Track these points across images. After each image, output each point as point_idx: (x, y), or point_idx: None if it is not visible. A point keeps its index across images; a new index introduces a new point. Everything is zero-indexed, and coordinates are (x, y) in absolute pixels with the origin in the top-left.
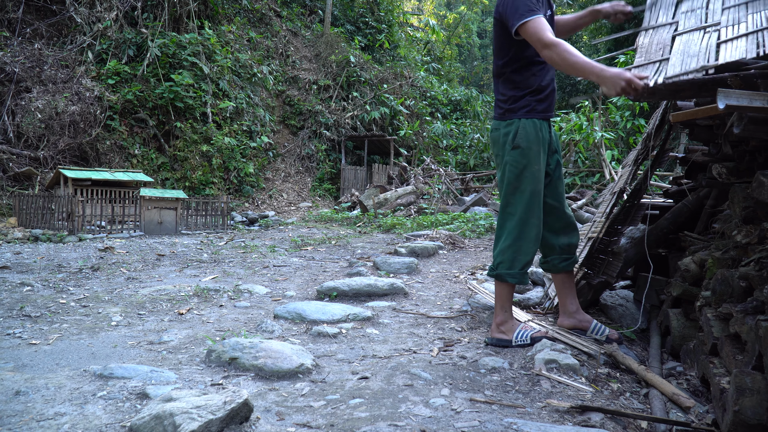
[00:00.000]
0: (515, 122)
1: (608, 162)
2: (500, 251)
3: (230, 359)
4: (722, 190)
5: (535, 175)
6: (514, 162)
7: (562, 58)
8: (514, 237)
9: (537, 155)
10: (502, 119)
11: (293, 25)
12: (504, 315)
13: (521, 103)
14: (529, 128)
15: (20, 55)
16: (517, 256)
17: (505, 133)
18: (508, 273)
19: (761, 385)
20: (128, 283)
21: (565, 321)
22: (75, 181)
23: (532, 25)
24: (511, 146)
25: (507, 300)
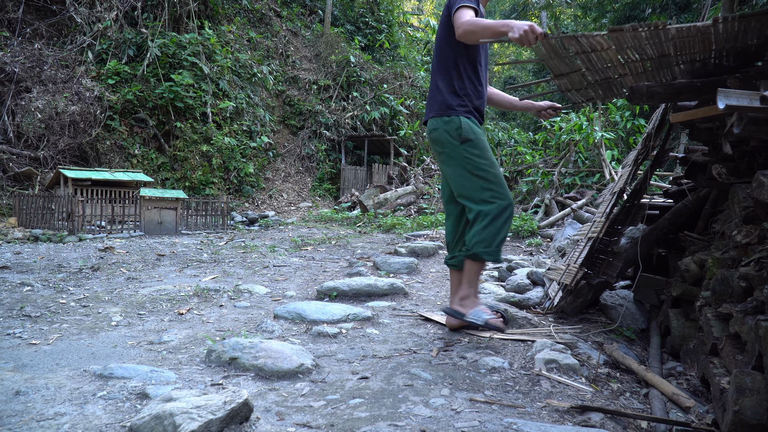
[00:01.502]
0: (455, 119)
1: (608, 162)
2: (476, 232)
3: (230, 359)
4: (722, 190)
5: (492, 160)
6: (468, 154)
7: (474, 23)
8: (489, 219)
9: (485, 142)
10: (440, 116)
11: (293, 25)
12: (469, 290)
13: (457, 102)
14: (470, 122)
15: (20, 55)
16: (495, 234)
17: (447, 129)
18: (484, 251)
19: (761, 385)
20: (128, 283)
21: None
22: (75, 181)
23: (465, 10)
24: (461, 141)
25: (476, 277)
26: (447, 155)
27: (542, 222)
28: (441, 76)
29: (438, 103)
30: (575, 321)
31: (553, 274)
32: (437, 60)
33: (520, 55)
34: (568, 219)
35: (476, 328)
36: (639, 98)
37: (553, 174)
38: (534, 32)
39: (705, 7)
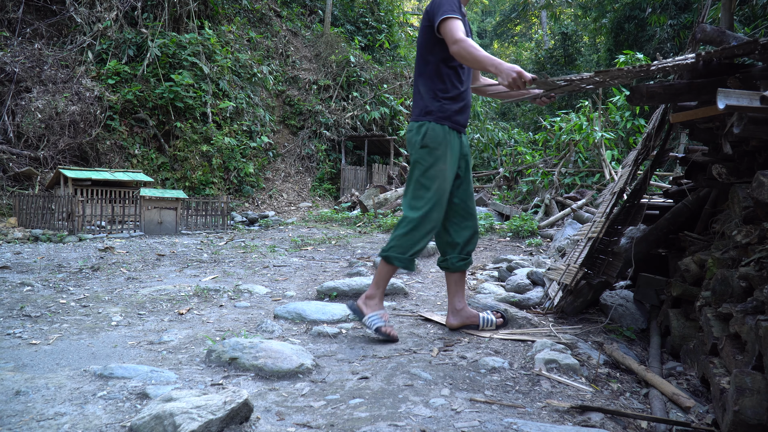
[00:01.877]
0: (425, 124)
1: (608, 162)
2: (396, 237)
3: (230, 359)
4: (722, 190)
5: (441, 174)
6: (421, 160)
7: (468, 51)
8: (412, 227)
9: (444, 156)
10: (416, 120)
11: (293, 25)
12: (375, 291)
13: (435, 107)
14: (438, 131)
15: (20, 55)
16: (412, 245)
17: (416, 133)
18: (398, 257)
19: (761, 385)
20: (128, 283)
21: (453, 321)
22: (75, 181)
23: (451, 22)
24: (420, 145)
25: (384, 280)
26: (412, 157)
27: (542, 222)
28: (422, 81)
29: (418, 108)
30: (575, 321)
31: (553, 274)
32: (418, 65)
33: (521, 55)
34: (568, 219)
35: (476, 328)
36: (639, 99)
37: (553, 174)
38: (522, 78)
39: (705, 6)
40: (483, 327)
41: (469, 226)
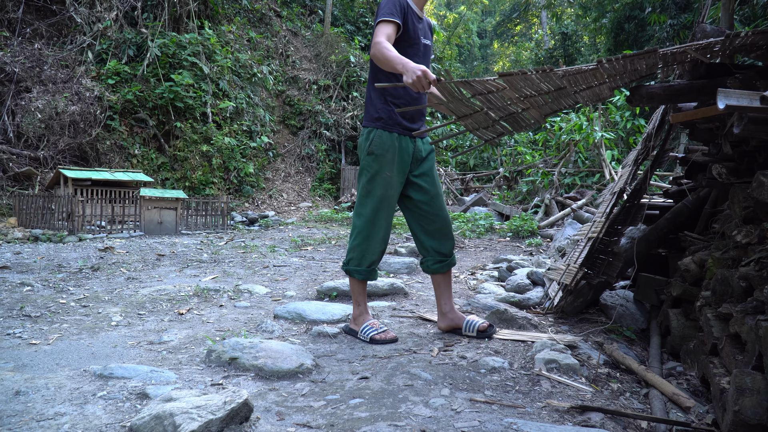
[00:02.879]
0: (373, 131)
1: (608, 162)
2: (351, 249)
3: (230, 359)
4: (722, 190)
5: (386, 181)
6: (367, 167)
7: (380, 52)
8: (363, 237)
9: (390, 163)
10: (365, 126)
11: (293, 25)
12: (358, 309)
13: (385, 113)
14: (385, 138)
15: (20, 55)
16: (364, 254)
17: (364, 139)
18: (356, 270)
19: (761, 385)
20: (128, 283)
21: (441, 323)
22: (75, 181)
23: (379, 26)
24: (366, 152)
25: (359, 294)
26: (360, 162)
27: (542, 222)
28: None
29: (368, 113)
30: (575, 321)
31: (553, 274)
32: (370, 69)
33: (521, 55)
34: (568, 219)
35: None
36: (638, 100)
37: (553, 174)
38: (426, 78)
39: (705, 6)
40: (464, 331)
41: (439, 227)
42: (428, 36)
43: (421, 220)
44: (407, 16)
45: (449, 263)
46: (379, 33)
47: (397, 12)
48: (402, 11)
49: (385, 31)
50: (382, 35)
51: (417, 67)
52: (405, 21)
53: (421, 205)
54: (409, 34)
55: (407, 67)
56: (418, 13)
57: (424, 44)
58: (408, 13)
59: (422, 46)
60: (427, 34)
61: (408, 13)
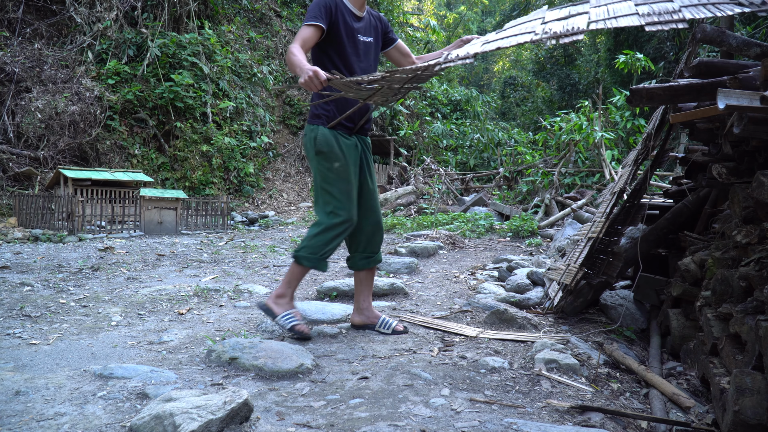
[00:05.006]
0: (315, 128)
1: (608, 162)
2: (308, 237)
3: (230, 359)
4: (722, 190)
5: (341, 175)
6: (320, 166)
7: (287, 57)
8: (324, 228)
9: (340, 156)
10: (308, 123)
11: (293, 25)
12: (286, 290)
13: (322, 111)
14: (328, 135)
15: (20, 55)
16: (323, 245)
17: (309, 138)
18: (307, 257)
19: (761, 385)
20: (128, 283)
21: (356, 318)
22: (75, 181)
23: (302, 29)
24: (315, 152)
25: (296, 279)
26: (309, 161)
27: (542, 222)
28: None
29: (311, 111)
30: (575, 321)
31: (553, 274)
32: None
33: (521, 55)
34: (568, 219)
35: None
36: (638, 100)
37: (553, 174)
38: (318, 77)
39: None
40: (378, 328)
41: (373, 223)
42: (371, 33)
43: (359, 217)
44: (337, 17)
45: (375, 260)
46: (296, 38)
47: (322, 15)
48: (328, 13)
49: (302, 35)
50: (297, 40)
51: (309, 68)
52: (335, 22)
53: (361, 202)
54: (340, 34)
55: (302, 69)
56: (355, 12)
57: (365, 42)
58: (339, 13)
59: (362, 44)
60: (370, 32)
61: (339, 13)
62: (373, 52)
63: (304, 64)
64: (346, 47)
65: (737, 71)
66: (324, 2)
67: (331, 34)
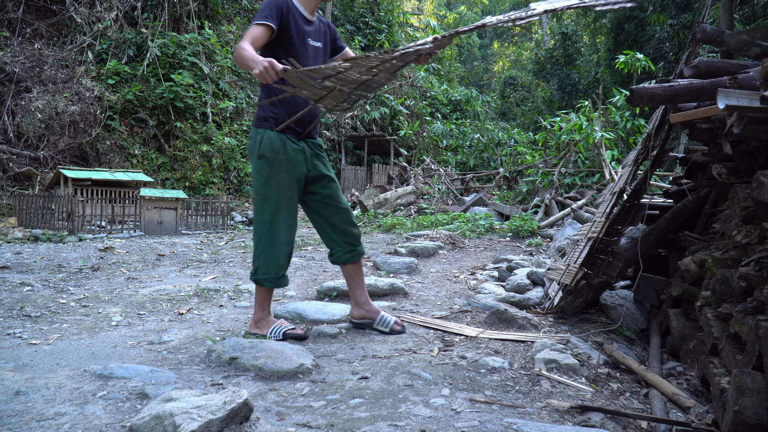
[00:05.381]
0: (261, 132)
1: (608, 162)
2: (256, 257)
3: (230, 359)
4: (722, 190)
5: (281, 183)
6: (260, 171)
7: (238, 53)
8: (265, 243)
9: (283, 163)
10: (254, 126)
11: None
12: (261, 313)
13: (270, 114)
14: (274, 139)
15: (20, 55)
16: (270, 260)
17: (254, 141)
18: (265, 278)
19: (761, 385)
20: (128, 283)
21: (355, 312)
22: (75, 181)
23: (252, 28)
24: (257, 155)
25: (265, 301)
26: (251, 163)
27: (542, 222)
28: (262, 86)
29: (258, 113)
30: (575, 321)
31: (553, 274)
32: None
33: (521, 55)
34: (568, 219)
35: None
36: (639, 100)
37: (553, 174)
38: (273, 68)
39: (705, 6)
40: (376, 325)
41: (345, 218)
42: (321, 39)
43: (327, 214)
44: (288, 18)
45: (359, 252)
46: (245, 36)
47: (273, 15)
48: (279, 14)
49: (252, 34)
50: (247, 38)
51: (264, 60)
52: (286, 23)
53: (325, 200)
54: (291, 35)
55: (256, 61)
56: (306, 15)
57: (314, 46)
58: (290, 15)
59: (311, 48)
60: (320, 37)
61: (290, 15)
62: (322, 57)
63: (257, 56)
64: (297, 50)
65: (737, 71)
66: (276, 2)
67: (281, 36)
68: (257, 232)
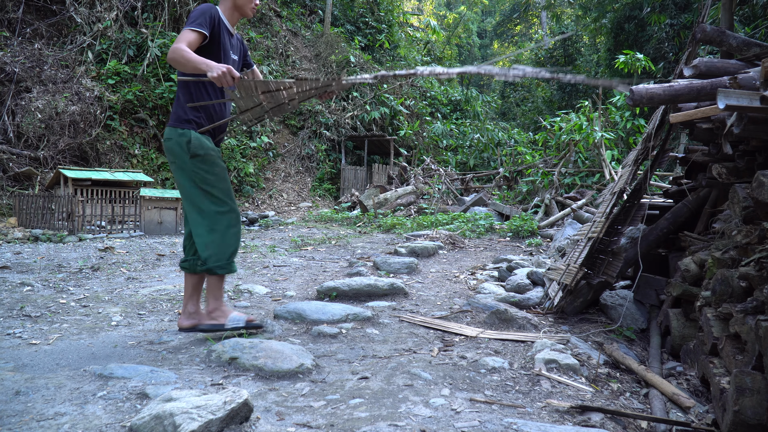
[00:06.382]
0: (186, 133)
1: (608, 162)
2: (205, 247)
3: (230, 359)
4: (722, 190)
5: (219, 174)
6: (197, 169)
7: (181, 55)
8: (215, 232)
9: (216, 158)
10: (174, 127)
11: (293, 25)
12: (215, 303)
13: (192, 116)
14: (201, 137)
15: (20, 55)
16: (221, 248)
17: (179, 143)
18: (217, 265)
19: (761, 385)
20: (128, 283)
21: (185, 322)
22: (75, 181)
23: (187, 32)
24: (189, 155)
25: (218, 290)
26: (177, 166)
27: (542, 222)
28: (182, 89)
29: (176, 113)
30: (575, 321)
31: (553, 274)
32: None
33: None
34: (568, 219)
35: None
36: (639, 101)
37: (553, 174)
38: (231, 74)
39: (705, 6)
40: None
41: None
42: (238, 52)
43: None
44: (218, 29)
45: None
46: (180, 39)
47: (206, 23)
48: (212, 23)
49: (188, 38)
50: (183, 41)
51: (221, 65)
52: (216, 33)
53: None
54: (219, 46)
55: (210, 65)
56: (229, 29)
57: (233, 59)
58: (219, 27)
59: (231, 61)
60: (237, 51)
61: (219, 26)
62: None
63: (210, 60)
64: (221, 60)
65: (737, 71)
66: (209, 11)
67: (209, 45)
68: (204, 224)
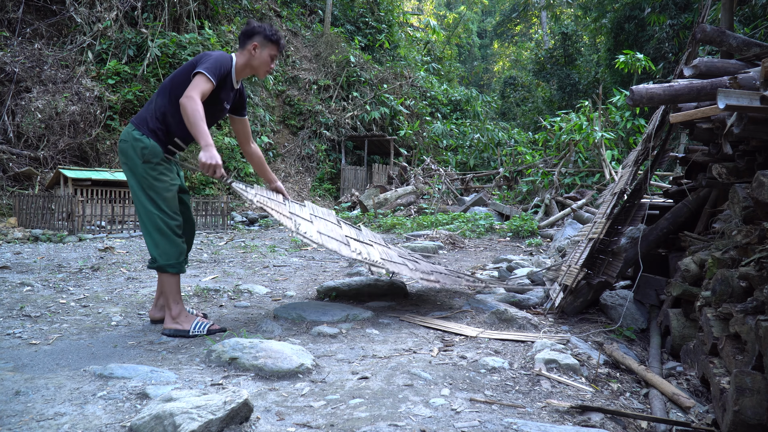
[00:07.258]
0: (144, 140)
1: (608, 162)
2: (154, 246)
3: (230, 359)
4: (722, 190)
5: (165, 181)
6: (146, 174)
7: (192, 114)
8: (161, 232)
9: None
10: (136, 128)
11: (293, 25)
12: (177, 307)
13: (159, 127)
14: (158, 149)
15: (20, 55)
16: (169, 247)
17: (135, 147)
18: (168, 264)
19: (761, 385)
20: (128, 283)
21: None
22: (75, 181)
23: (202, 79)
24: (142, 160)
25: (176, 292)
26: (128, 168)
27: (542, 222)
28: (161, 99)
29: (142, 116)
30: (575, 321)
31: (553, 275)
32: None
33: (521, 55)
34: (568, 219)
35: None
36: (639, 101)
37: (553, 174)
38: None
39: (705, 6)
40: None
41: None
42: (231, 101)
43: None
44: (224, 83)
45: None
46: (196, 87)
47: (217, 75)
48: (221, 76)
49: (202, 89)
50: (198, 91)
51: (216, 157)
52: (221, 86)
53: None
54: (217, 98)
55: (208, 150)
56: (234, 84)
57: (224, 107)
58: (224, 82)
59: (217, 110)
60: (231, 100)
61: (226, 80)
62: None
63: (212, 147)
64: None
65: (737, 71)
66: (225, 65)
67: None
68: (151, 223)
